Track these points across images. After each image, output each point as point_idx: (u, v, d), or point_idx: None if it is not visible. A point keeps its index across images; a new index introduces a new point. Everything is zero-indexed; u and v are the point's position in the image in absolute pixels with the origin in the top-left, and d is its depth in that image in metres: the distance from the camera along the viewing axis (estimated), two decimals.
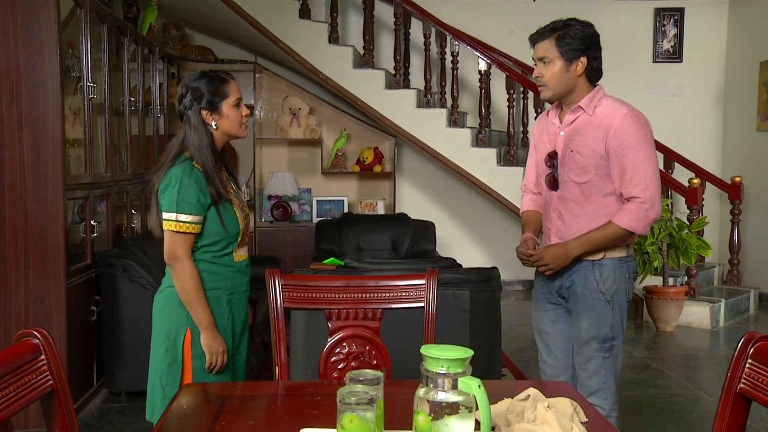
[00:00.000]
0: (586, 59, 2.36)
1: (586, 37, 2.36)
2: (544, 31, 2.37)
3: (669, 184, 5.88)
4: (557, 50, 2.34)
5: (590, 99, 2.39)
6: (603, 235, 2.34)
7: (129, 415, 3.60)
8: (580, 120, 2.40)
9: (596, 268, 2.40)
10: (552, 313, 2.54)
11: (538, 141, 2.56)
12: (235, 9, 5.53)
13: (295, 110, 6.51)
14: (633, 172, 2.30)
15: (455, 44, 5.88)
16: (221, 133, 2.27)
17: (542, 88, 2.41)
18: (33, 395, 1.33)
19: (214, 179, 2.20)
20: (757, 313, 6.18)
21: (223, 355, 2.21)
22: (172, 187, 2.15)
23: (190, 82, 2.25)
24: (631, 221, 2.32)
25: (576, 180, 2.39)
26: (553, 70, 2.35)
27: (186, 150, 2.24)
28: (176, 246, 2.16)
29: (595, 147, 2.34)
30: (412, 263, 3.96)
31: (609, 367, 2.43)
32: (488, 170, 5.84)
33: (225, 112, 2.25)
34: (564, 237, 2.43)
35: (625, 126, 2.31)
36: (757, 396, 1.31)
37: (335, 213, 6.49)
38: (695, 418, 3.69)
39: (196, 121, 2.23)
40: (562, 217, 2.45)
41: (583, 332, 2.43)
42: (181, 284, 2.16)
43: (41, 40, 3.25)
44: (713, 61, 7.15)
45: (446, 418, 1.27)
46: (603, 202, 2.38)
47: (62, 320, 3.34)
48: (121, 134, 4.52)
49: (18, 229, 3.29)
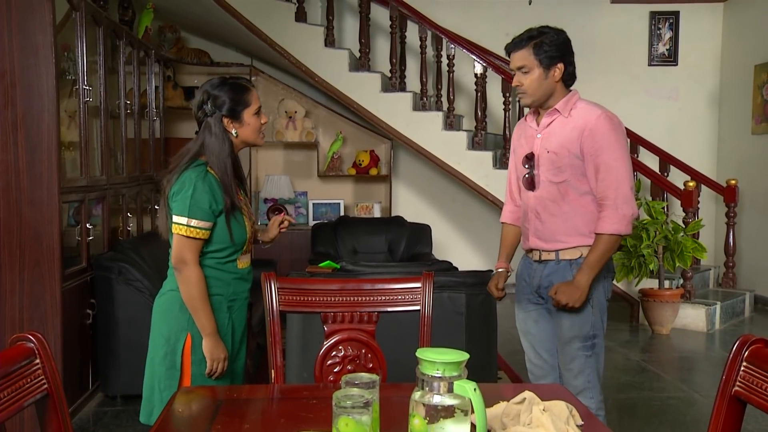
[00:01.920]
0: (563, 65, 2.42)
1: (561, 43, 2.41)
2: (520, 40, 2.42)
3: (664, 187, 5.90)
4: (535, 58, 2.39)
5: (566, 102, 2.45)
6: (599, 252, 2.39)
7: (124, 418, 3.59)
8: (556, 122, 2.46)
9: (575, 267, 2.45)
10: (534, 313, 2.59)
11: (516, 144, 2.63)
12: (231, 12, 5.53)
13: (291, 113, 6.51)
14: (606, 172, 2.38)
15: (451, 47, 5.89)
16: (240, 141, 2.26)
17: (522, 95, 2.47)
18: (27, 399, 1.32)
19: (230, 189, 2.19)
20: (752, 316, 6.19)
21: (224, 362, 2.20)
22: (185, 191, 2.14)
23: (211, 89, 2.22)
24: (612, 225, 2.38)
25: (553, 180, 2.45)
26: (531, 77, 2.41)
27: (202, 155, 2.22)
28: (185, 250, 2.15)
29: (571, 147, 2.40)
30: (408, 266, 3.96)
31: (592, 365, 2.48)
32: (484, 173, 5.85)
33: (246, 120, 2.24)
34: (542, 236, 2.50)
35: (599, 126, 2.38)
36: (752, 399, 1.31)
37: (331, 216, 6.48)
38: (690, 420, 3.69)
39: (217, 129, 2.21)
40: (539, 216, 2.50)
41: (565, 331, 2.48)
42: (187, 289, 2.16)
43: (36, 42, 3.24)
44: (708, 64, 7.18)
45: (442, 421, 1.27)
46: (580, 201, 2.44)
47: (57, 324, 3.33)
48: (116, 137, 4.51)
49: (13, 232, 3.28)
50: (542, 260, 2.52)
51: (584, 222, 2.44)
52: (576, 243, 2.45)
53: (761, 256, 6.50)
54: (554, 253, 2.48)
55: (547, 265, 2.50)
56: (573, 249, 2.46)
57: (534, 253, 2.55)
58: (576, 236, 2.45)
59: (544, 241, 2.50)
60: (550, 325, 2.56)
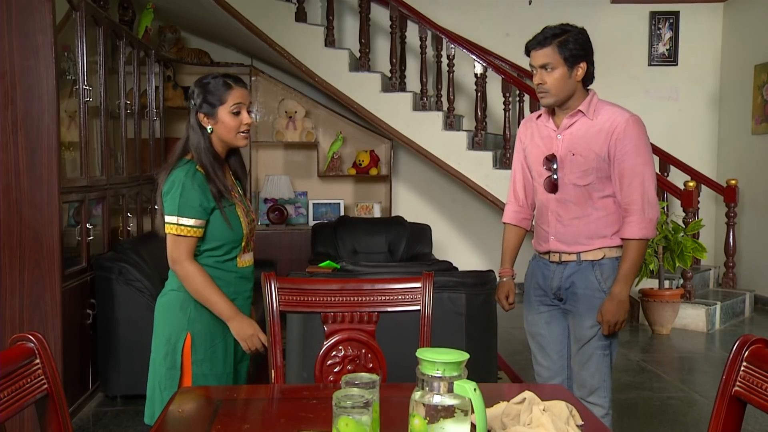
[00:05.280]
0: (585, 64, 2.37)
1: (584, 42, 2.37)
2: (544, 38, 2.35)
3: (665, 187, 5.89)
4: (560, 56, 2.33)
5: (588, 103, 2.41)
6: (631, 259, 2.38)
7: (124, 418, 3.59)
8: (579, 123, 2.41)
9: (597, 267, 2.43)
10: (546, 315, 2.56)
11: (529, 144, 2.56)
12: (231, 12, 5.53)
13: (291, 113, 6.51)
14: (633, 176, 2.35)
15: (451, 47, 5.89)
16: (216, 138, 2.25)
17: (544, 94, 2.39)
18: (27, 399, 1.32)
19: (214, 178, 2.18)
20: (752, 316, 6.19)
21: (257, 334, 2.19)
22: (174, 190, 2.14)
23: (196, 84, 2.25)
24: (641, 230, 2.36)
25: (578, 183, 2.41)
26: (555, 76, 2.35)
27: (188, 152, 2.23)
28: (177, 249, 2.15)
29: (598, 150, 2.37)
30: (408, 266, 3.95)
31: (607, 364, 2.48)
32: (484, 173, 5.85)
33: (220, 117, 2.21)
34: (563, 239, 2.46)
35: (628, 131, 2.35)
36: (752, 399, 1.31)
37: (331, 216, 6.48)
38: (690, 420, 3.69)
39: (193, 122, 2.23)
40: (561, 219, 2.47)
41: (586, 331, 2.45)
42: (189, 286, 2.16)
43: (36, 43, 3.24)
44: (708, 64, 7.18)
45: (442, 421, 1.27)
46: (602, 203, 2.41)
47: (57, 324, 3.33)
48: (116, 137, 4.51)
49: (13, 233, 3.28)
50: (562, 261, 2.48)
51: (606, 224, 2.42)
52: (598, 245, 2.43)
53: (761, 256, 6.50)
54: (575, 254, 2.45)
55: (567, 266, 2.46)
56: (595, 250, 2.43)
57: (553, 254, 2.51)
58: (598, 239, 2.42)
59: (566, 244, 2.46)
60: (562, 327, 2.54)
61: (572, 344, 2.53)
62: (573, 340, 2.52)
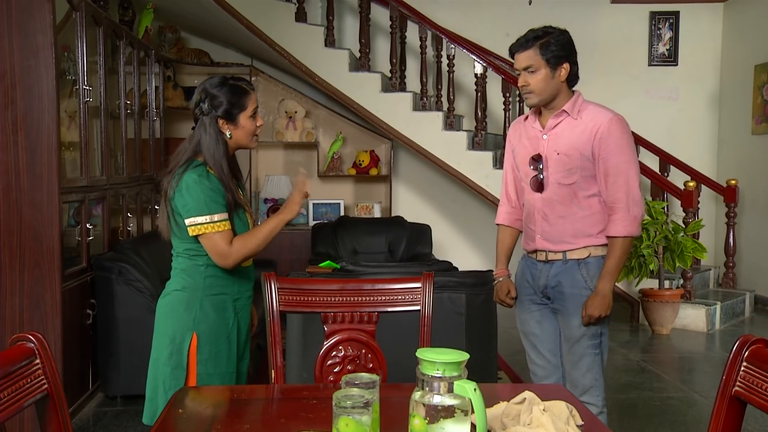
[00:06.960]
0: (568, 65, 2.43)
1: (566, 43, 2.42)
2: (526, 40, 2.41)
3: (664, 187, 5.89)
4: (542, 58, 2.39)
5: (573, 103, 2.46)
6: (616, 256, 2.42)
7: (124, 419, 3.59)
8: (564, 123, 2.46)
9: (582, 266, 2.46)
10: (537, 313, 2.59)
11: (517, 145, 2.62)
12: (231, 12, 5.53)
13: (291, 113, 6.51)
14: (617, 175, 2.40)
15: (451, 47, 5.89)
16: (233, 142, 2.27)
17: (529, 95, 2.46)
18: (27, 399, 1.32)
19: (229, 187, 2.20)
20: (752, 316, 6.19)
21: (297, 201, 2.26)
22: (194, 192, 2.13)
23: (210, 89, 2.22)
24: (625, 228, 2.41)
25: (562, 182, 2.45)
26: (538, 77, 2.41)
27: (199, 154, 2.22)
28: (221, 245, 2.15)
29: (582, 149, 2.41)
30: (408, 266, 3.95)
31: (599, 363, 2.50)
32: (484, 173, 5.85)
33: (241, 123, 2.25)
34: (550, 238, 2.50)
35: (611, 130, 2.39)
36: (752, 399, 1.31)
37: (331, 216, 6.48)
38: (690, 421, 3.69)
39: (212, 129, 2.21)
40: (547, 218, 2.50)
41: (574, 330, 2.48)
42: (253, 249, 2.20)
43: (36, 43, 3.24)
44: (708, 64, 7.18)
45: (442, 421, 1.27)
46: (588, 202, 2.45)
47: (57, 324, 3.33)
48: (116, 137, 4.51)
49: (13, 233, 3.28)
50: (549, 260, 2.51)
51: (591, 223, 2.45)
52: (584, 244, 2.46)
53: (761, 256, 6.50)
54: (561, 253, 2.49)
55: (554, 265, 2.50)
56: (581, 249, 2.47)
57: (539, 253, 2.54)
58: (583, 237, 2.46)
59: (552, 242, 2.49)
60: (553, 325, 2.57)
61: (563, 343, 2.55)
62: (563, 339, 2.54)
